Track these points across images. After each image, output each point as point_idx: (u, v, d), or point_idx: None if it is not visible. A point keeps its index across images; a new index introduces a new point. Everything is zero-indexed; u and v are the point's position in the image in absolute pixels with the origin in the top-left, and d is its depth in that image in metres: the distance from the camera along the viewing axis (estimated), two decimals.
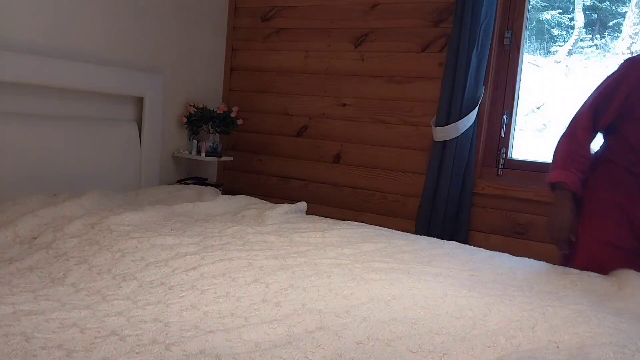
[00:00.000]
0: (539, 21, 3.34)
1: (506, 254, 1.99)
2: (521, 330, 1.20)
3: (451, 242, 2.12)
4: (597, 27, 3.25)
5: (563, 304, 1.37)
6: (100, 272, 1.49)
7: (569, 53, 3.37)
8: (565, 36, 3.36)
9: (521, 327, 1.21)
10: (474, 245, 2.30)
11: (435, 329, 1.19)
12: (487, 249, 2.25)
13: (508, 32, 2.67)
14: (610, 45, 3.26)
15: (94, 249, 1.62)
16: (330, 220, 2.22)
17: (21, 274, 1.48)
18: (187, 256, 1.58)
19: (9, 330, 1.09)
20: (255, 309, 1.29)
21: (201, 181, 3.11)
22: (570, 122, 1.90)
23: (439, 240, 2.10)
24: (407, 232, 2.51)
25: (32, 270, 1.50)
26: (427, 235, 2.65)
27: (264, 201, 2.51)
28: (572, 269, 1.81)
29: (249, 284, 1.41)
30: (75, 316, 1.22)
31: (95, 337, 1.11)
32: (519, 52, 2.67)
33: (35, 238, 1.71)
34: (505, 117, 2.70)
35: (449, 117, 2.61)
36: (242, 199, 2.45)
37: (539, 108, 3.55)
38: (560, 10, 3.31)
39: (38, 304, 1.28)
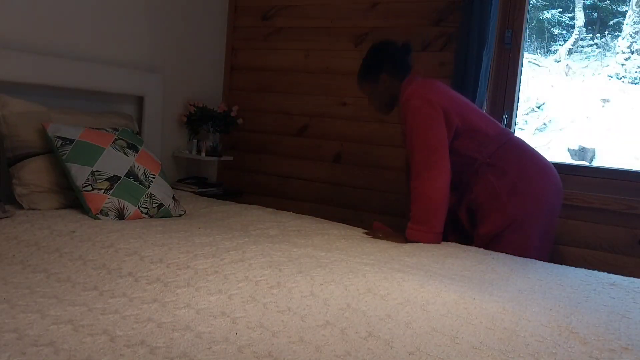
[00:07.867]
0: (539, 20, 3.34)
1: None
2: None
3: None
4: (597, 26, 3.25)
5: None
6: (152, 261, 1.52)
7: (569, 52, 3.37)
8: (565, 35, 3.36)
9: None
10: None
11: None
12: None
13: (508, 31, 2.67)
14: (611, 44, 3.26)
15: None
16: None
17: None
18: None
19: (91, 330, 1.09)
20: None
21: (201, 181, 3.11)
22: None
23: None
24: None
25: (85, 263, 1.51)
26: None
27: None
28: None
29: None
30: (147, 309, 1.23)
31: (172, 330, 1.12)
32: (519, 51, 2.67)
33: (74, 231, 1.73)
34: (505, 116, 2.69)
35: None
36: None
37: (539, 107, 3.55)
38: (561, 9, 3.31)
39: (106, 301, 1.28)
